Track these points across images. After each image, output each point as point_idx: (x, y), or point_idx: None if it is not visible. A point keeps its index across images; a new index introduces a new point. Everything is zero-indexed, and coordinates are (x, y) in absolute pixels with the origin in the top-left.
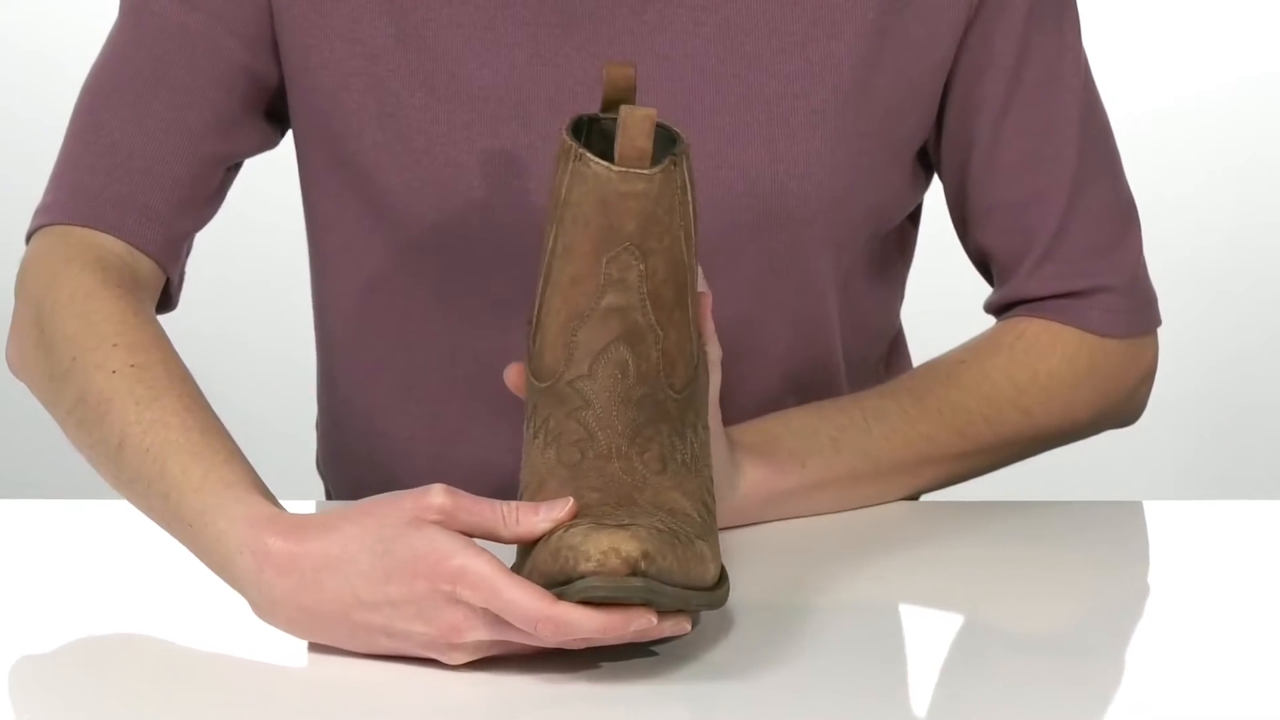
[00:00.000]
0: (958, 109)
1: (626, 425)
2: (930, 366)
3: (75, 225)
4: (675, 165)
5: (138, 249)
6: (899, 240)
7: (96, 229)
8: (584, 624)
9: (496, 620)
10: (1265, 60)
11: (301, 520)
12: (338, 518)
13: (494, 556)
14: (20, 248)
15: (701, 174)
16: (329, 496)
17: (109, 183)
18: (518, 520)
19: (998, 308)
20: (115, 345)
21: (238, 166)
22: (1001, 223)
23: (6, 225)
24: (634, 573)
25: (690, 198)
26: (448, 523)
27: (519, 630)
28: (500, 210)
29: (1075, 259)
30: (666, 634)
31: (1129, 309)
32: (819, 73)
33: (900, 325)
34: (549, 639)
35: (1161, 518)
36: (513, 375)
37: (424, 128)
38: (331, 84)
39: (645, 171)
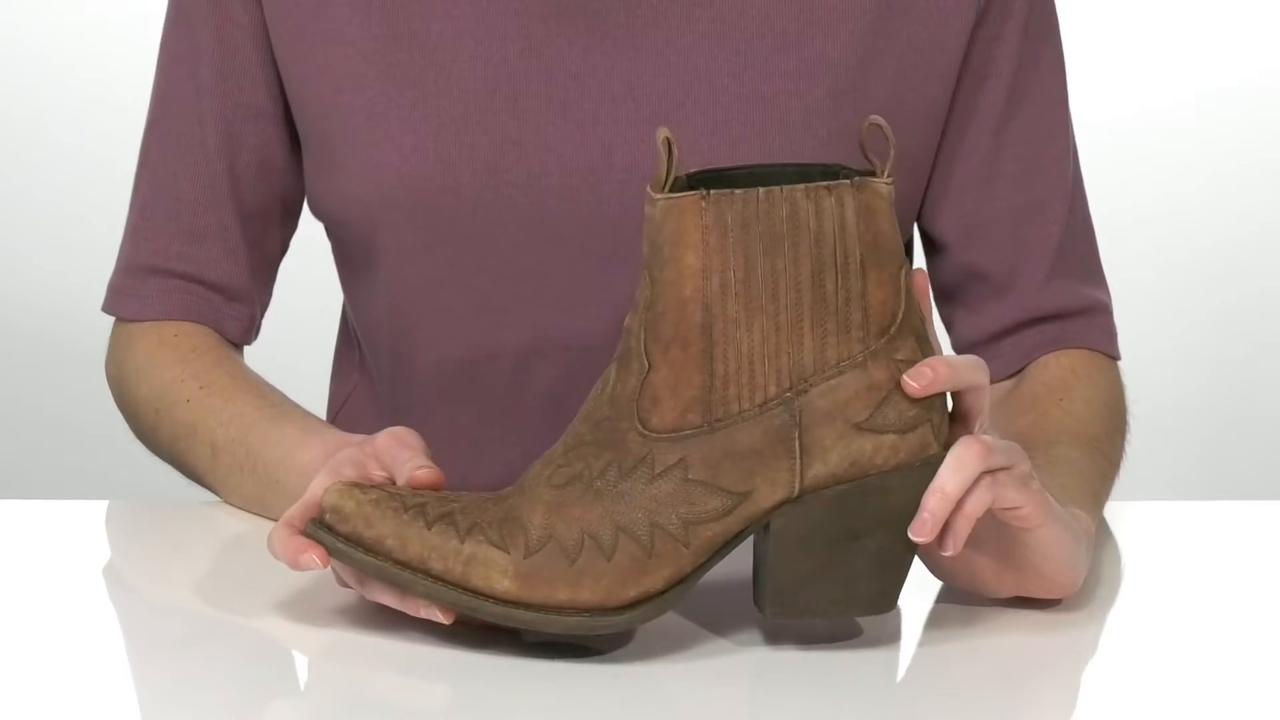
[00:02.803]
0: (955, 116)
1: (571, 438)
2: (1031, 408)
3: (130, 321)
4: (702, 201)
5: (186, 321)
6: None
7: (148, 320)
8: (273, 544)
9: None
10: (1265, 62)
11: (346, 437)
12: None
13: (317, 481)
14: (20, 245)
15: None
16: None
17: (148, 273)
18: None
19: (1004, 329)
20: (183, 381)
21: (294, 202)
22: (1001, 235)
23: (7, 227)
24: (318, 519)
25: (744, 245)
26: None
27: None
28: (488, 206)
29: (1078, 273)
30: (411, 613)
31: (1112, 332)
32: (813, 72)
33: None
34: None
35: (1162, 518)
36: None
37: (413, 125)
38: (327, 88)
39: (652, 194)
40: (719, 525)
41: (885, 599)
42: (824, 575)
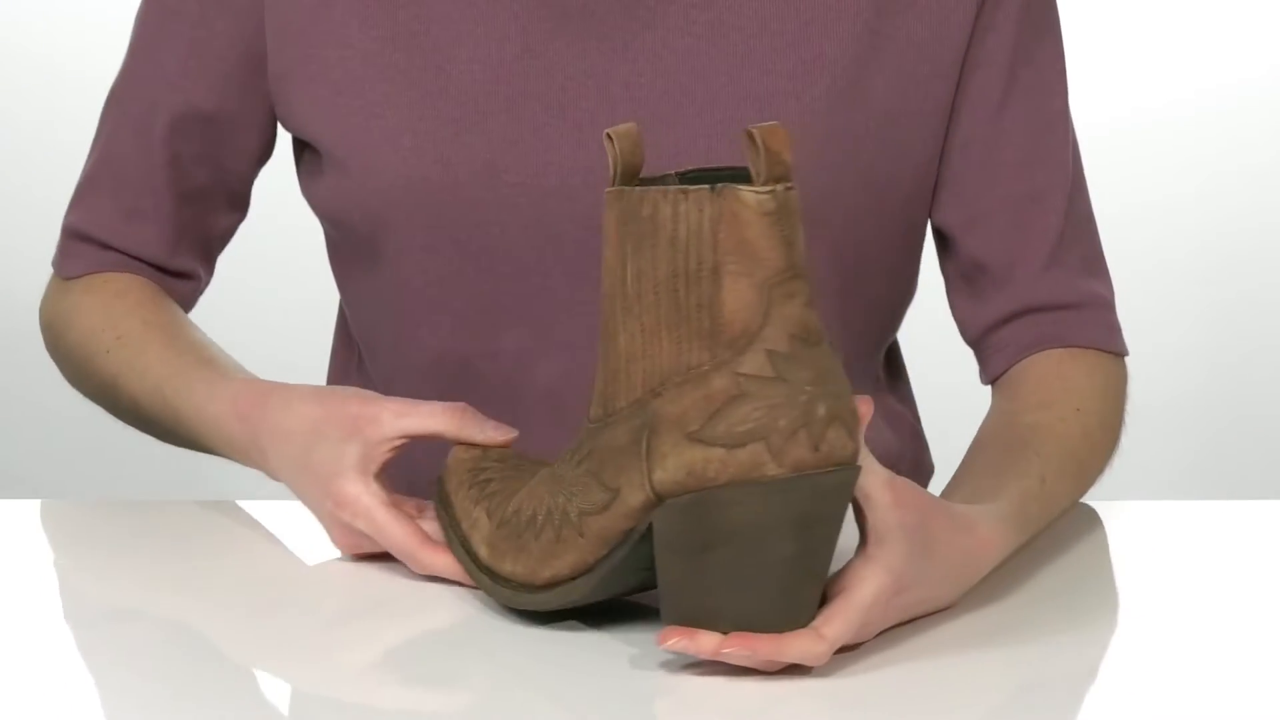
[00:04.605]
0: (953, 108)
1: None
2: (1014, 420)
3: (58, 278)
4: (615, 199)
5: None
6: (907, 241)
7: (84, 275)
8: (428, 564)
9: (377, 539)
10: (1265, 62)
11: (267, 390)
12: (299, 394)
13: (375, 486)
14: (21, 245)
15: None
16: None
17: (86, 241)
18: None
19: (1002, 319)
20: (102, 330)
21: (239, 195)
22: (1000, 224)
23: (7, 225)
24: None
25: (623, 244)
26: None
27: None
28: (488, 206)
29: (1077, 265)
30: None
31: (1116, 327)
32: (811, 72)
33: (896, 337)
34: (417, 569)
35: (1161, 518)
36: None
37: (411, 125)
38: (328, 90)
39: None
40: (603, 519)
41: (761, 618)
42: (692, 584)
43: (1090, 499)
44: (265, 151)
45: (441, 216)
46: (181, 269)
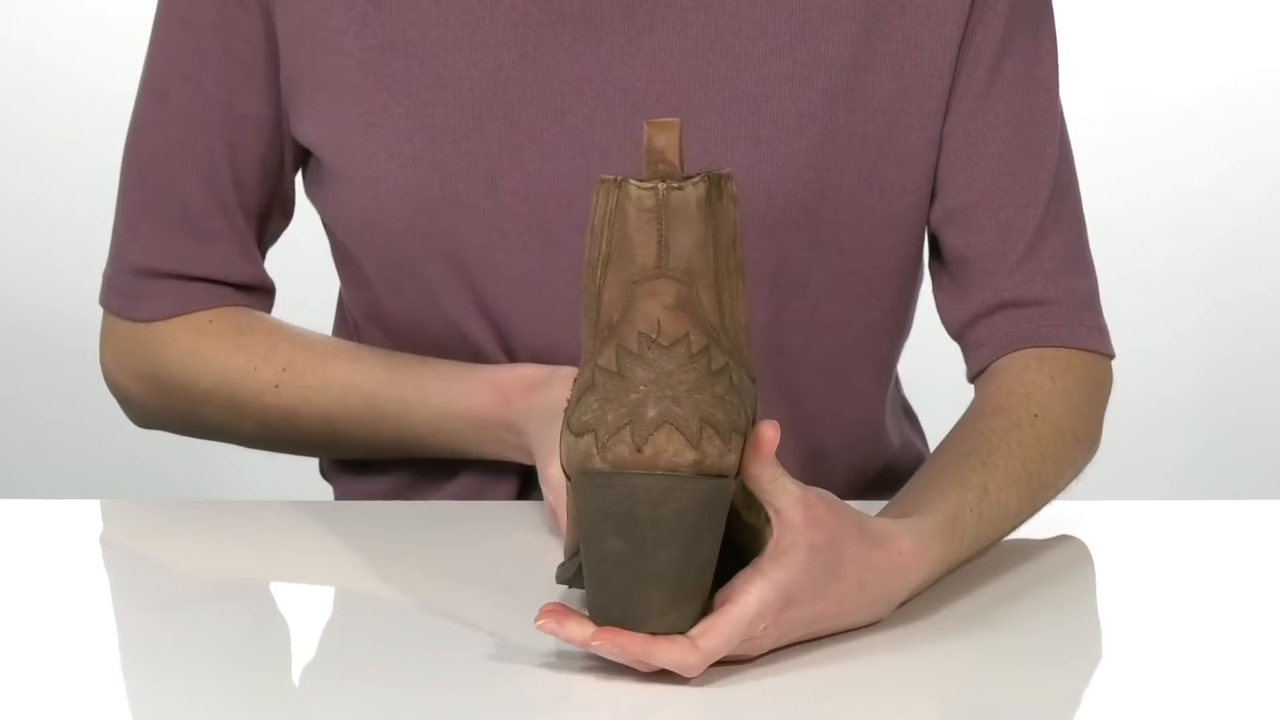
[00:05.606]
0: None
1: None
2: (965, 433)
3: (145, 321)
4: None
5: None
6: (912, 244)
7: (170, 317)
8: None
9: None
10: (1265, 60)
11: (534, 372)
12: (560, 375)
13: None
14: (21, 244)
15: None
16: (336, 498)
17: (162, 277)
18: None
19: (979, 313)
20: (257, 368)
21: (290, 201)
22: (978, 217)
23: (8, 226)
24: None
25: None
26: None
27: None
28: (487, 214)
29: (1058, 261)
30: None
31: (1099, 328)
32: (807, 74)
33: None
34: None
35: (1161, 518)
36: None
37: (409, 134)
38: (328, 98)
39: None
40: (568, 497)
41: (610, 614)
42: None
43: (1085, 500)
44: (299, 154)
45: (441, 224)
46: (264, 283)
